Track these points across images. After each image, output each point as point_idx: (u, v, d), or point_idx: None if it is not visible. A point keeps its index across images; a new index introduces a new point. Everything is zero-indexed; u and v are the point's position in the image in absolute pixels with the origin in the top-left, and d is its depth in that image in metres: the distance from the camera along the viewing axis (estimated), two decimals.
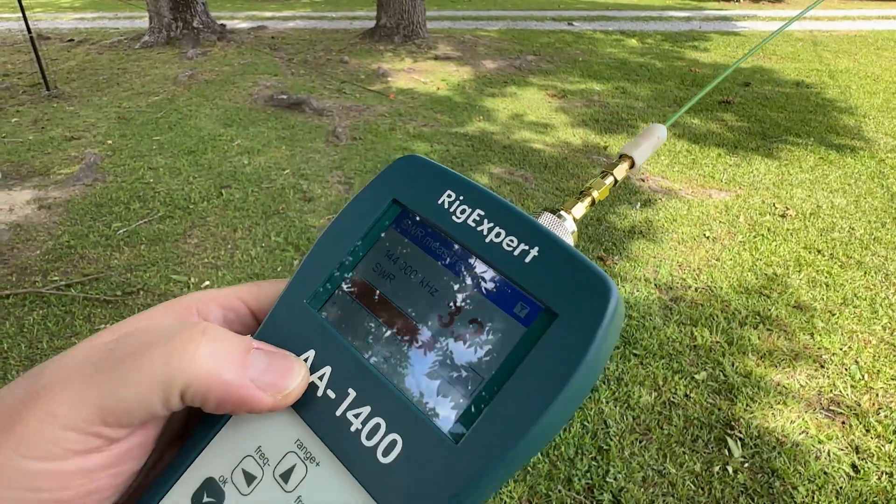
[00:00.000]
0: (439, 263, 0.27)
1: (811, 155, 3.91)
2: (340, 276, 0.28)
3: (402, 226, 0.28)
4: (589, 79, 5.86)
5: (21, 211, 3.12)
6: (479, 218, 0.27)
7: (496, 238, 0.26)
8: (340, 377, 0.25)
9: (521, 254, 0.25)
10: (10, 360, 2.09)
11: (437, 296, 0.26)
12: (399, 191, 0.29)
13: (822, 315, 2.30)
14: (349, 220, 0.29)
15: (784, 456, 1.69)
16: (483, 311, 0.25)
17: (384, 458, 0.23)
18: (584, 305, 0.23)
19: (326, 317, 0.27)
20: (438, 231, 0.27)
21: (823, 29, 8.34)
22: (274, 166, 3.70)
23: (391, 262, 0.28)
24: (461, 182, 0.28)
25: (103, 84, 5.70)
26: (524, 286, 0.25)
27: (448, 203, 0.28)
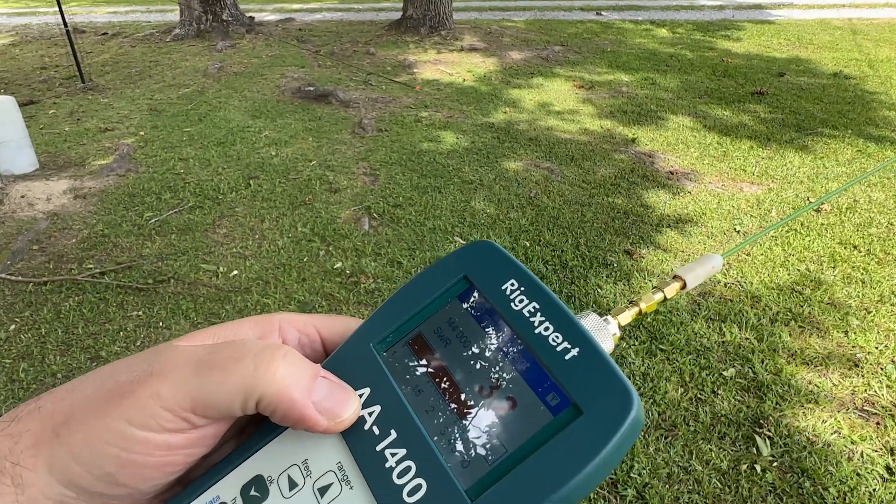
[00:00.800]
0: (490, 341, 0.30)
1: (848, 148, 3.79)
2: (405, 330, 0.32)
3: (466, 300, 0.32)
4: (617, 70, 5.77)
5: (58, 200, 3.22)
6: (534, 310, 0.30)
7: (545, 332, 0.29)
8: (386, 418, 0.29)
9: (563, 351, 0.28)
10: (47, 344, 2.16)
11: (483, 368, 0.29)
12: (470, 269, 0.33)
13: (858, 313, 2.24)
14: (422, 284, 0.33)
15: (815, 456, 1.65)
16: (519, 391, 0.28)
17: (409, 498, 0.26)
18: (607, 409, 0.26)
19: (386, 362, 0.31)
20: (497, 313, 0.31)
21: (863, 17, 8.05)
22: (301, 157, 3.74)
23: (450, 329, 0.31)
24: (525, 275, 0.32)
25: (136, 76, 5.81)
26: (559, 380, 0.28)
27: (510, 291, 0.31)
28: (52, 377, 2.01)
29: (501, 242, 2.70)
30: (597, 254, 2.65)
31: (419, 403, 0.29)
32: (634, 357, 2.02)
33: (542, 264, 2.57)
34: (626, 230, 2.85)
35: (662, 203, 3.11)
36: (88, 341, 2.17)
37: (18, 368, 2.05)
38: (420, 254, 2.66)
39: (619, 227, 2.87)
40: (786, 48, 6.52)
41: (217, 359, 0.27)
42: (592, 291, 2.38)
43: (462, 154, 3.76)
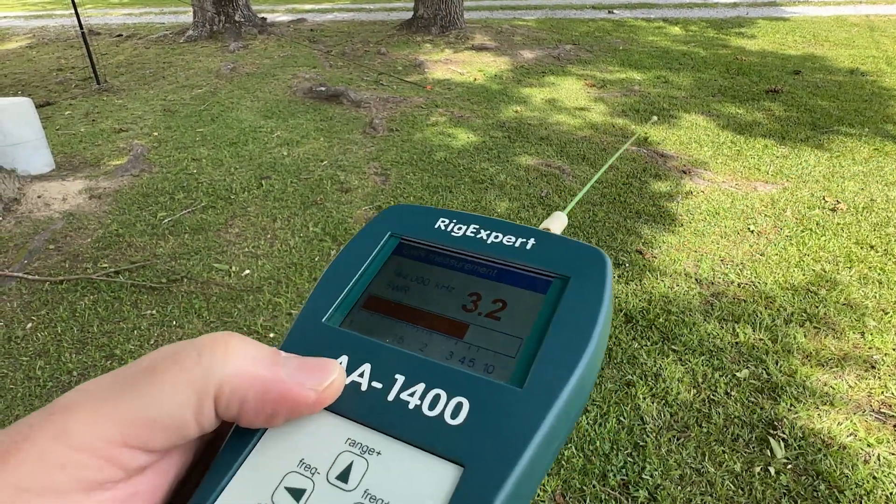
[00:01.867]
0: (447, 269, 0.30)
1: (865, 146, 3.73)
2: (354, 297, 0.30)
3: (403, 251, 0.32)
4: (629, 68, 5.73)
5: (74, 200, 3.26)
6: (476, 230, 0.31)
7: (496, 239, 0.30)
8: (383, 368, 0.26)
9: (522, 244, 0.30)
10: (63, 342, 2.19)
11: (454, 292, 0.29)
12: (394, 227, 0.32)
13: (874, 314, 2.21)
14: (349, 256, 0.31)
15: (830, 458, 1.63)
16: (501, 292, 0.29)
17: (453, 420, 0.24)
18: (588, 267, 0.28)
19: (350, 328, 0.28)
20: (440, 247, 0.31)
21: (881, 13, 7.93)
22: (312, 157, 3.75)
23: (401, 278, 0.30)
24: (452, 212, 0.32)
25: (150, 77, 5.87)
26: (531, 265, 0.29)
27: (444, 226, 0.32)
28: (68, 375, 2.04)
29: None
30: (608, 253, 2.63)
31: (410, 345, 0.27)
32: (647, 358, 2.01)
33: None
34: (638, 230, 2.83)
35: (675, 202, 3.09)
36: (103, 339, 2.20)
37: (35, 366, 2.08)
38: None
39: (630, 227, 2.85)
40: (801, 45, 6.44)
41: (145, 364, 0.20)
42: None
43: (473, 153, 3.75)
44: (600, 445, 1.68)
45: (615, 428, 1.74)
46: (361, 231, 0.33)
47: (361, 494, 0.23)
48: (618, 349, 2.05)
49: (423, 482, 0.22)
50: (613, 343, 2.08)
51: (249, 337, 0.25)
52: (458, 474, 0.22)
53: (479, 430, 0.23)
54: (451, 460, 0.23)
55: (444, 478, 0.22)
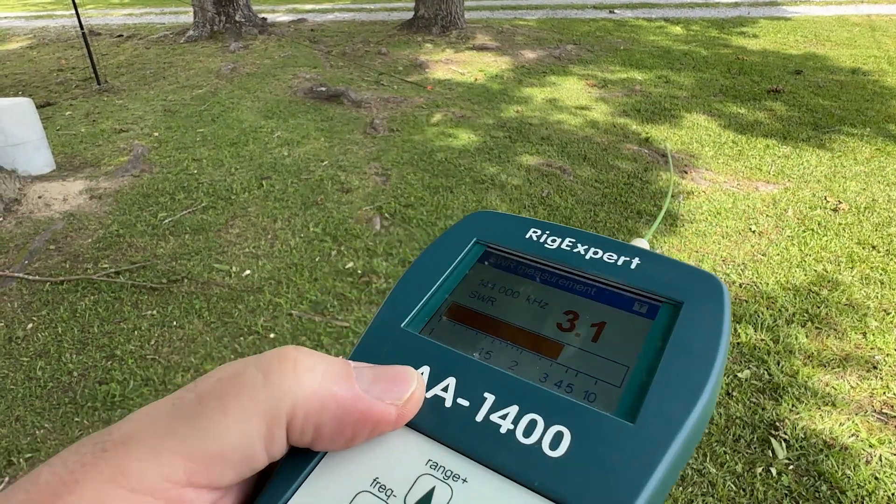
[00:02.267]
0: (540, 283, 0.27)
1: (867, 146, 3.73)
2: (436, 304, 0.27)
3: (489, 260, 0.29)
4: (630, 68, 5.72)
5: (74, 201, 3.26)
6: (572, 243, 0.28)
7: (595, 255, 0.27)
8: (470, 384, 0.23)
9: (625, 264, 0.27)
10: (63, 343, 2.19)
11: (548, 308, 0.26)
12: (480, 234, 0.29)
13: (876, 314, 2.20)
14: (431, 260, 0.29)
15: (832, 459, 1.63)
16: (602, 314, 0.26)
17: (553, 452, 0.21)
18: (702, 293, 0.25)
19: (432, 337, 0.26)
20: (531, 259, 0.28)
21: (882, 13, 7.92)
22: (313, 158, 3.75)
23: (487, 289, 0.27)
24: (542, 222, 0.30)
25: (150, 78, 5.87)
26: (637, 287, 0.26)
27: (536, 237, 0.29)
28: (69, 375, 2.04)
29: None
30: None
31: (499, 361, 0.24)
32: None
33: None
34: (640, 230, 2.82)
35: (676, 202, 3.08)
36: (104, 340, 2.20)
37: (35, 367, 2.08)
38: None
39: (632, 227, 2.85)
40: (802, 45, 6.43)
41: (203, 392, 0.18)
42: None
43: (474, 153, 3.75)
44: None
45: None
46: (443, 235, 0.30)
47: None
48: None
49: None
50: None
51: (308, 347, 0.22)
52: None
53: (584, 466, 0.20)
54: (550, 499, 0.20)
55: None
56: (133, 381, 2.00)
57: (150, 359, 2.11)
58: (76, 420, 1.86)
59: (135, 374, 2.03)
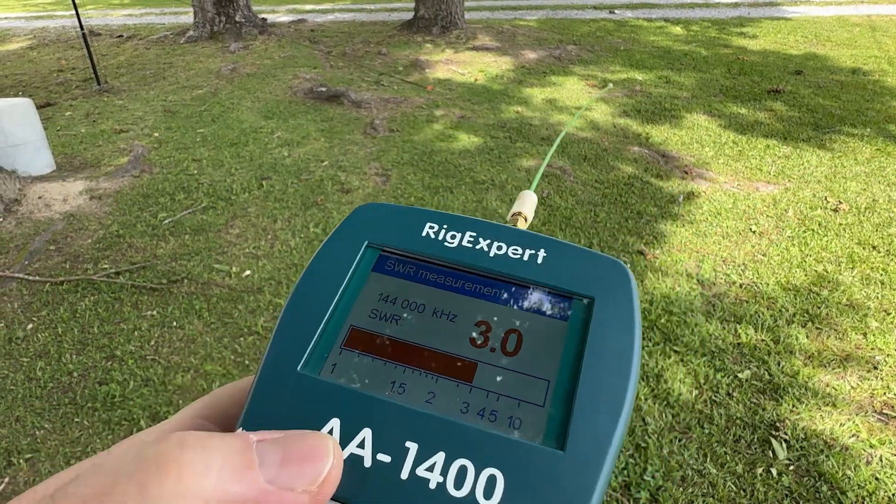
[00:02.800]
0: (444, 291, 0.25)
1: (867, 146, 3.73)
2: (332, 333, 0.24)
3: (386, 267, 0.26)
4: (631, 68, 5.72)
5: (74, 201, 3.26)
6: (473, 238, 0.26)
7: (499, 251, 0.25)
8: (388, 434, 0.21)
9: (532, 258, 0.25)
10: (64, 343, 2.19)
11: (458, 320, 0.24)
12: (372, 235, 0.27)
13: (877, 314, 2.20)
14: (320, 276, 0.25)
15: (832, 459, 1.63)
16: (515, 320, 0.24)
17: (488, 501, 0.20)
18: (611, 284, 0.24)
19: (335, 377, 0.23)
20: (433, 261, 0.26)
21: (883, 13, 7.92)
22: (313, 158, 3.75)
23: (388, 305, 0.25)
24: (437, 213, 0.27)
25: (150, 78, 5.87)
26: (549, 284, 0.24)
27: (434, 233, 0.26)
28: (69, 376, 2.04)
29: None
30: (610, 254, 2.62)
31: (414, 397, 0.22)
32: (648, 358, 2.00)
33: None
34: (640, 230, 2.82)
35: (676, 203, 3.08)
36: (104, 340, 2.20)
37: (35, 367, 2.08)
38: None
39: (632, 228, 2.85)
40: (802, 45, 6.43)
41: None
42: None
43: (474, 154, 3.75)
44: None
45: None
46: (329, 240, 0.27)
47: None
48: None
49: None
50: None
51: (210, 431, 0.19)
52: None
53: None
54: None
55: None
56: (133, 382, 2.00)
57: (150, 359, 2.10)
58: (76, 420, 1.86)
59: (135, 374, 2.03)
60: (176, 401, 1.92)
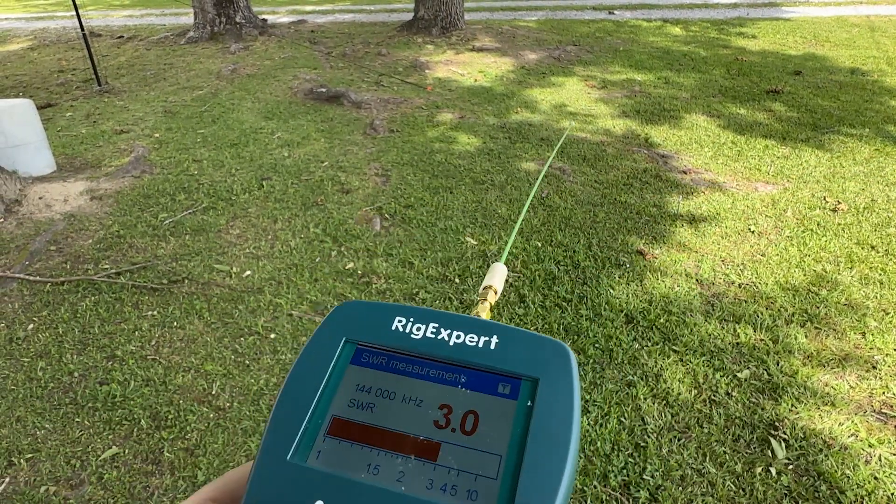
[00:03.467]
0: (412, 378, 0.29)
1: (866, 146, 3.73)
2: (317, 424, 0.28)
3: (362, 360, 0.30)
4: (630, 68, 5.73)
5: (75, 202, 3.26)
6: (436, 329, 0.30)
7: (458, 339, 0.29)
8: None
9: (485, 344, 0.29)
10: (65, 343, 2.19)
11: (424, 405, 0.28)
12: (349, 331, 0.30)
13: (876, 314, 2.20)
14: (305, 372, 0.29)
15: (831, 459, 1.63)
16: (472, 402, 0.28)
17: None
18: (554, 364, 0.28)
19: (321, 465, 0.27)
20: (401, 352, 0.29)
21: (881, 13, 7.93)
22: (313, 158, 3.76)
23: (365, 394, 0.28)
24: (406, 308, 0.31)
25: (151, 79, 5.88)
26: (500, 368, 0.28)
27: (402, 326, 0.30)
28: (69, 376, 2.04)
29: (512, 242, 2.70)
30: (609, 254, 2.63)
31: (388, 476, 0.26)
32: (647, 358, 2.01)
33: (553, 265, 2.56)
34: (639, 230, 2.83)
35: (676, 203, 3.09)
36: (104, 340, 2.20)
37: (36, 367, 2.08)
38: (431, 254, 2.67)
39: (631, 227, 2.85)
40: (801, 46, 6.44)
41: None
42: (605, 292, 2.36)
43: (474, 154, 3.75)
44: (601, 446, 1.68)
45: (616, 429, 1.74)
46: (313, 339, 0.30)
47: None
48: (619, 350, 2.05)
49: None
50: (614, 344, 2.08)
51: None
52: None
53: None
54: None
55: None
56: (134, 382, 2.00)
57: (150, 359, 2.11)
58: (77, 420, 1.86)
59: (135, 374, 2.04)
60: (177, 401, 1.93)
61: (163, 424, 1.84)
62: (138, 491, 1.64)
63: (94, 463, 1.72)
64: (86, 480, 1.67)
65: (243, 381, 2.00)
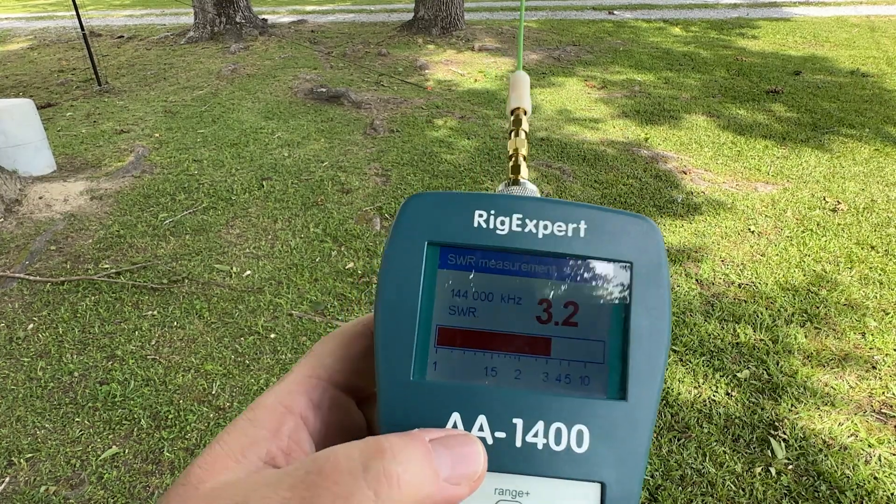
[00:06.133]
0: (506, 276, 0.28)
1: (866, 147, 3.73)
2: (424, 339, 0.28)
3: (449, 262, 0.28)
4: (631, 69, 5.73)
5: (75, 202, 3.26)
6: (521, 221, 0.28)
7: (546, 231, 0.28)
8: (498, 415, 0.26)
9: (574, 232, 0.28)
10: (65, 343, 2.19)
11: (524, 302, 0.28)
12: (429, 232, 0.28)
13: (875, 314, 2.21)
14: (396, 284, 0.28)
15: (831, 459, 1.63)
16: (570, 293, 0.28)
17: (580, 449, 0.26)
18: (644, 245, 0.28)
19: (441, 378, 0.27)
20: (489, 250, 0.28)
21: (882, 14, 7.93)
22: (313, 158, 3.76)
23: (463, 299, 0.28)
24: (483, 197, 0.29)
25: (151, 79, 5.88)
26: (593, 255, 0.28)
27: (484, 221, 0.28)
28: (69, 376, 2.04)
29: None
30: None
31: (505, 377, 0.27)
32: None
33: None
34: None
35: (676, 203, 3.09)
36: (105, 340, 2.20)
37: (36, 367, 2.08)
38: None
39: None
40: (802, 46, 6.44)
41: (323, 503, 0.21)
42: None
43: (473, 154, 3.75)
44: None
45: None
46: (391, 246, 0.28)
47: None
48: None
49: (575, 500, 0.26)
50: None
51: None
52: (599, 490, 0.26)
53: (605, 450, 0.26)
54: (591, 481, 0.26)
55: (591, 494, 0.26)
56: (134, 382, 2.00)
57: (150, 359, 2.11)
58: (77, 420, 1.86)
59: (135, 374, 2.04)
60: (177, 400, 1.93)
61: (163, 424, 1.84)
62: (138, 491, 1.64)
63: (94, 463, 1.72)
64: (86, 480, 1.67)
65: (243, 381, 2.00)
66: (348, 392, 0.29)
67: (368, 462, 0.22)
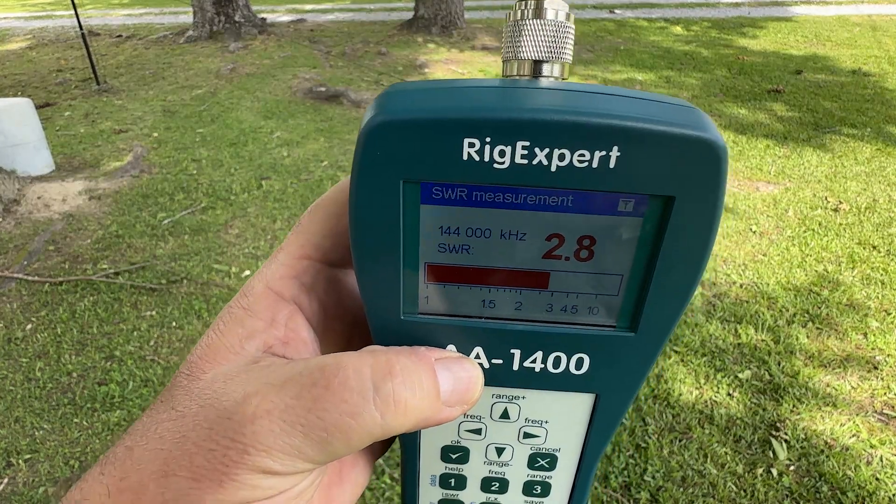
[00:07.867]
0: (506, 210, 0.22)
1: (867, 146, 3.72)
2: (413, 275, 0.24)
3: (433, 196, 0.22)
4: (631, 68, 5.72)
5: (73, 202, 3.25)
6: (528, 150, 0.20)
7: (561, 162, 0.21)
8: (495, 346, 0.26)
9: (602, 161, 0.21)
10: (63, 343, 2.18)
11: (529, 237, 0.23)
12: (404, 169, 0.21)
13: (877, 314, 2.20)
14: (367, 226, 0.23)
15: (833, 460, 1.62)
16: (586, 226, 0.23)
17: (578, 371, 0.26)
18: (696, 176, 0.21)
19: (434, 312, 0.25)
20: (483, 185, 0.22)
21: (883, 13, 7.92)
22: (312, 158, 3.75)
23: (453, 237, 0.23)
24: (477, 120, 0.20)
25: (149, 78, 5.87)
26: (620, 189, 0.21)
27: (476, 153, 0.21)
28: (68, 376, 2.03)
29: None
30: None
31: (504, 309, 0.25)
32: None
33: None
34: None
35: None
36: (103, 341, 2.19)
37: (35, 367, 2.08)
38: None
39: None
40: (803, 45, 6.43)
41: (329, 421, 0.22)
42: None
43: None
44: None
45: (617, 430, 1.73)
46: (358, 184, 0.22)
47: (524, 422, 0.28)
48: None
49: (569, 404, 0.28)
50: None
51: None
52: (593, 399, 0.27)
53: (604, 372, 0.26)
54: (586, 391, 0.27)
55: (585, 401, 0.27)
56: (132, 382, 1.99)
57: (149, 360, 2.10)
58: (75, 421, 1.85)
59: (134, 374, 2.03)
60: None
61: None
62: None
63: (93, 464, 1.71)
64: None
65: None
66: (343, 265, 0.28)
67: (378, 383, 0.22)
